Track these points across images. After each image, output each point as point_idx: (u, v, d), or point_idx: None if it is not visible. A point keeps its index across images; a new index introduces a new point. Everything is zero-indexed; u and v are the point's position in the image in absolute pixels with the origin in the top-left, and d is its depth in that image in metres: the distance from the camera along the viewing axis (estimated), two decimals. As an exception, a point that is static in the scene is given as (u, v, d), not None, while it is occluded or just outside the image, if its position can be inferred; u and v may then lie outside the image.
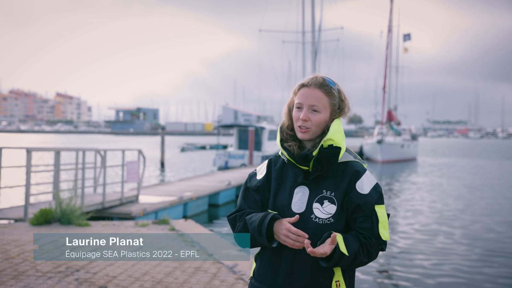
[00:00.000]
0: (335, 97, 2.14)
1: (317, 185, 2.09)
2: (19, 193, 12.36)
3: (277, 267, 2.09)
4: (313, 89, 2.11)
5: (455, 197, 18.60)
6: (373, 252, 2.05)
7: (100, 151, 11.50)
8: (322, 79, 2.13)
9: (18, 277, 5.24)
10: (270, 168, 2.22)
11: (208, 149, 57.36)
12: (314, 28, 39.06)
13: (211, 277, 5.51)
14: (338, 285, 2.05)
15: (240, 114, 36.04)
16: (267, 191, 2.19)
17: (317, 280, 2.04)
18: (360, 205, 2.06)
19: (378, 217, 2.07)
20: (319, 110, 2.10)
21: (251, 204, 2.20)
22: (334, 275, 2.05)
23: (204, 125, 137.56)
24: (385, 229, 2.08)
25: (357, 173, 2.11)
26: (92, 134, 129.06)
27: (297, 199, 2.09)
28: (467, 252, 9.88)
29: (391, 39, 48.86)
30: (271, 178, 2.19)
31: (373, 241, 2.04)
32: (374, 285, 7.69)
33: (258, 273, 2.16)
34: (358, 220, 2.07)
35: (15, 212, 9.35)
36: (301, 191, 2.10)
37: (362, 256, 2.01)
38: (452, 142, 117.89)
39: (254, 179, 2.24)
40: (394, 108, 50.47)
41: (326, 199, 2.06)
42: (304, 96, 2.11)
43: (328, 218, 2.04)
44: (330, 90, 2.13)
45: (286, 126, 2.21)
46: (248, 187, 2.24)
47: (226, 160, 27.94)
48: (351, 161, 2.15)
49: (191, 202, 13.25)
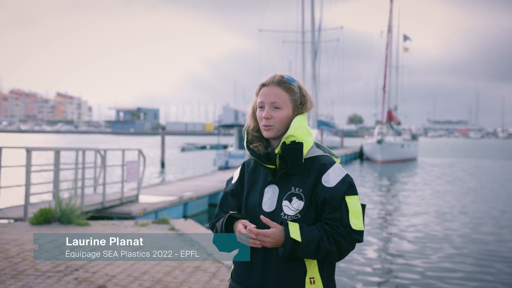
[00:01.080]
0: (295, 92, 2.17)
1: (286, 182, 2.12)
2: (19, 193, 12.37)
3: (251, 266, 2.12)
4: (272, 87, 2.15)
5: (456, 197, 18.59)
6: (341, 241, 2.02)
7: (100, 150, 11.50)
8: (280, 77, 2.17)
9: (17, 276, 5.24)
10: (243, 170, 2.27)
11: (209, 149, 57.37)
12: (314, 28, 39.08)
13: (210, 277, 5.51)
14: (313, 281, 2.04)
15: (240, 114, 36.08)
16: (241, 194, 2.24)
17: (290, 277, 2.05)
18: (326, 199, 2.06)
19: (348, 207, 2.06)
20: (280, 106, 2.13)
21: (228, 209, 2.23)
22: (307, 272, 2.05)
23: (205, 125, 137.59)
24: (358, 219, 2.06)
25: (323, 167, 2.11)
26: (93, 134, 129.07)
27: (267, 198, 2.13)
28: (467, 251, 9.87)
29: (391, 39, 48.87)
30: (244, 180, 2.24)
31: (341, 230, 2.03)
32: (372, 284, 7.69)
33: (235, 273, 2.20)
34: (326, 212, 2.07)
35: (15, 212, 9.35)
36: (271, 190, 2.13)
37: (327, 245, 2.00)
38: (453, 142, 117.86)
39: (230, 183, 2.30)
40: (394, 108, 50.46)
41: (294, 196, 2.08)
42: (265, 94, 2.15)
43: (295, 214, 2.06)
44: (289, 86, 2.16)
45: (252, 128, 2.24)
46: (225, 192, 2.29)
47: (227, 160, 27.94)
48: (319, 155, 2.16)
49: (191, 202, 13.24)
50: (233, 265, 2.24)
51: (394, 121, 47.58)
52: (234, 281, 2.20)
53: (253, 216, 2.13)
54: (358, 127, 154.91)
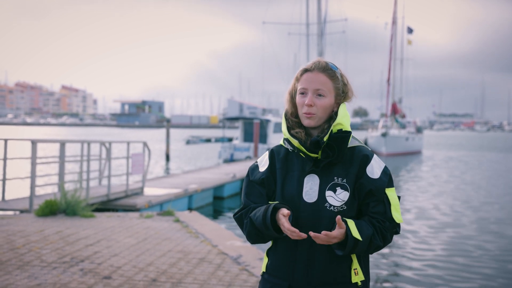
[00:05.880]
0: (339, 80, 2.10)
1: (327, 172, 2.03)
2: (25, 185, 12.42)
3: (294, 259, 2.04)
4: (317, 73, 2.06)
5: (461, 192, 18.55)
6: (387, 235, 2.02)
7: (105, 143, 11.51)
8: (325, 63, 2.09)
9: (23, 267, 5.27)
10: (273, 158, 2.15)
11: (214, 141, 57.40)
12: (320, 20, 38.90)
13: (215, 268, 5.52)
14: (356, 272, 2.03)
15: (245, 107, 36.13)
16: (272, 183, 2.12)
17: (336, 270, 2.01)
18: (372, 190, 2.02)
19: (389, 200, 2.03)
20: (324, 94, 2.05)
21: (256, 198, 2.13)
22: (352, 263, 2.03)
23: (210, 118, 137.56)
24: (398, 212, 2.05)
25: (366, 158, 2.06)
26: (98, 127, 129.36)
27: (308, 188, 2.03)
28: (468, 248, 9.86)
29: (395, 31, 48.65)
30: (276, 168, 2.12)
31: (387, 225, 2.01)
32: (377, 279, 7.69)
33: (272, 267, 2.10)
34: (371, 205, 2.03)
35: (21, 204, 9.39)
36: (311, 180, 2.04)
37: (378, 241, 1.98)
38: (458, 135, 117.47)
39: (257, 171, 2.16)
40: (399, 101, 50.26)
41: (338, 186, 2.02)
42: (308, 81, 2.06)
43: (341, 205, 2.01)
44: (334, 73, 2.08)
45: (290, 114, 2.15)
46: (251, 180, 2.17)
47: (232, 153, 27.96)
48: (358, 146, 2.10)
49: (196, 194, 13.26)
50: (266, 258, 2.16)
51: (398, 114, 47.43)
52: (271, 275, 2.10)
53: (292, 207, 2.04)
54: (363, 120, 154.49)
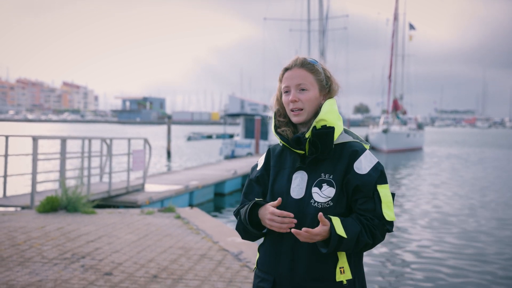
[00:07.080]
0: (320, 73, 2.12)
1: (315, 169, 2.05)
2: (26, 181, 12.45)
3: (279, 255, 2.06)
4: (296, 69, 2.10)
5: (462, 188, 18.54)
6: (377, 233, 1.99)
7: (106, 139, 11.51)
8: (303, 58, 2.13)
9: (24, 264, 5.28)
10: (269, 156, 2.21)
11: (215, 138, 57.44)
12: (322, 16, 38.84)
13: (216, 264, 5.53)
14: (342, 271, 2.00)
15: (246, 104, 35.98)
16: (267, 180, 2.17)
17: (320, 267, 2.00)
18: (359, 186, 2.00)
19: (380, 197, 2.01)
20: (306, 88, 2.08)
21: (253, 196, 2.17)
22: (338, 261, 2.00)
23: (211, 115, 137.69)
24: (390, 209, 2.02)
25: (355, 153, 2.05)
26: (99, 124, 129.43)
27: (296, 185, 2.06)
28: (469, 246, 9.86)
29: (397, 27, 48.58)
30: (270, 166, 2.18)
31: (376, 222, 1.99)
32: (378, 276, 7.69)
33: (261, 263, 2.15)
34: (359, 201, 2.02)
35: (22, 200, 9.40)
36: (299, 176, 2.07)
37: (366, 238, 1.96)
38: (460, 131, 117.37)
39: (255, 170, 2.23)
40: (400, 97, 50.22)
41: (324, 183, 2.02)
42: (289, 78, 2.10)
43: (327, 201, 2.00)
44: (313, 67, 2.11)
45: (279, 115, 2.19)
46: (250, 179, 2.23)
47: (233, 149, 27.96)
48: (349, 141, 2.10)
49: (197, 190, 13.26)
50: (258, 254, 2.20)
51: (399, 110, 47.40)
52: (260, 270, 2.14)
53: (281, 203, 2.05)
54: (365, 117, 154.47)
